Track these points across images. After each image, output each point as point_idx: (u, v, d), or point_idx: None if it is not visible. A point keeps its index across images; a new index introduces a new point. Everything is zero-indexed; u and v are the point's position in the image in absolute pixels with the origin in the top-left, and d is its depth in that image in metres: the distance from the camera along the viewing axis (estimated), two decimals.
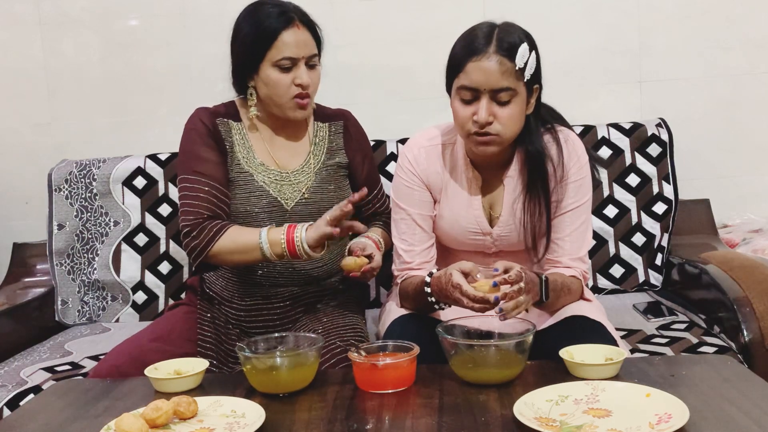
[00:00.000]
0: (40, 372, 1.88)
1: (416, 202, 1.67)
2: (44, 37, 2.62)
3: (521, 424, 1.11)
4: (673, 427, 1.07)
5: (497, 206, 1.65)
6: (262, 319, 1.76)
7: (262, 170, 1.76)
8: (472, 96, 1.51)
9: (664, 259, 2.27)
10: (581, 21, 2.52)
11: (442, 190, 1.67)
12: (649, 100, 2.52)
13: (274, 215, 1.74)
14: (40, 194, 2.41)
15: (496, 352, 1.33)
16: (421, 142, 1.68)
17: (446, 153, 1.67)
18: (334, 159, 1.83)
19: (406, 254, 1.67)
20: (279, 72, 1.68)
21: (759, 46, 2.49)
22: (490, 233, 1.65)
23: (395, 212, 1.70)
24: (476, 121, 1.50)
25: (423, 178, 1.66)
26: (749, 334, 1.77)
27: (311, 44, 1.71)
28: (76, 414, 1.32)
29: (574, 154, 1.62)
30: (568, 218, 1.62)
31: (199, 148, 1.73)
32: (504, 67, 1.47)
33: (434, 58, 2.53)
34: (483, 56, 1.48)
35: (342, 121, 1.88)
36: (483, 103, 1.49)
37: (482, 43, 1.49)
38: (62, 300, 2.36)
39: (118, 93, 2.63)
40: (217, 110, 1.81)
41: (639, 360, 1.44)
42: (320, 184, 1.78)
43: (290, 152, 1.81)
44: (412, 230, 1.67)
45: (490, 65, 1.47)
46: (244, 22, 1.71)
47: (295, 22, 1.68)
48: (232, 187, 1.75)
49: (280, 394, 1.33)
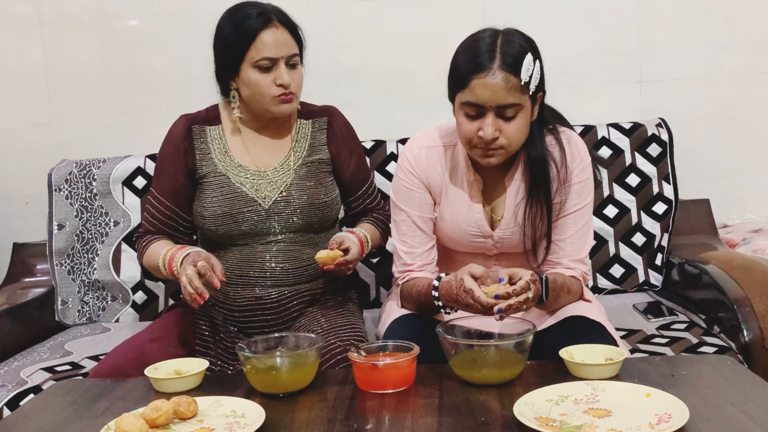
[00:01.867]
0: (40, 372, 1.88)
1: (416, 203, 1.66)
2: (44, 37, 2.62)
3: (521, 424, 1.11)
4: (673, 427, 1.07)
5: (499, 209, 1.65)
6: (257, 320, 1.76)
7: (239, 171, 1.77)
8: (476, 112, 1.48)
9: (664, 259, 2.27)
10: (581, 21, 2.52)
11: (443, 192, 1.66)
12: (649, 100, 2.52)
13: (252, 215, 1.74)
14: (40, 194, 2.41)
15: (496, 352, 1.33)
16: (421, 143, 1.67)
17: (447, 155, 1.66)
18: (315, 155, 1.82)
19: (407, 256, 1.67)
20: (259, 72, 1.68)
21: (759, 46, 2.49)
22: (491, 236, 1.65)
23: (395, 213, 1.69)
24: (482, 137, 1.48)
25: (423, 179, 1.65)
26: (749, 334, 1.77)
27: (291, 44, 1.71)
28: (76, 414, 1.32)
29: (577, 155, 1.61)
30: (570, 220, 1.62)
31: (166, 165, 1.81)
32: (509, 84, 1.45)
33: (434, 58, 2.53)
34: (488, 73, 1.44)
35: (326, 117, 1.87)
36: (489, 120, 1.47)
37: (486, 59, 1.45)
38: (62, 300, 2.35)
39: (118, 93, 2.63)
40: (197, 116, 1.84)
41: (639, 360, 1.44)
42: (299, 181, 1.78)
43: (272, 151, 1.81)
44: (413, 232, 1.66)
45: (496, 82, 1.44)
46: (224, 23, 1.73)
47: (273, 22, 1.68)
48: (210, 191, 1.76)
49: (280, 394, 1.33)
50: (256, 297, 1.75)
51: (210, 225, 1.75)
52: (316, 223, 1.78)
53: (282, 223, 1.75)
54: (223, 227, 1.74)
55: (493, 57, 1.45)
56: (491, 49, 1.46)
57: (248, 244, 1.76)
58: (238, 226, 1.74)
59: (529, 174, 1.60)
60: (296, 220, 1.75)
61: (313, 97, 1.95)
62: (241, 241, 1.76)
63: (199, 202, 1.79)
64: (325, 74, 2.54)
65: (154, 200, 1.82)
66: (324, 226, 1.82)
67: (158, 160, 1.85)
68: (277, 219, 1.75)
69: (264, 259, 1.75)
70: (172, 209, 1.81)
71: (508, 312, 1.37)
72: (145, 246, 1.78)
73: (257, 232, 1.75)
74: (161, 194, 1.81)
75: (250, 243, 1.76)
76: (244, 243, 1.76)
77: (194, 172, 1.80)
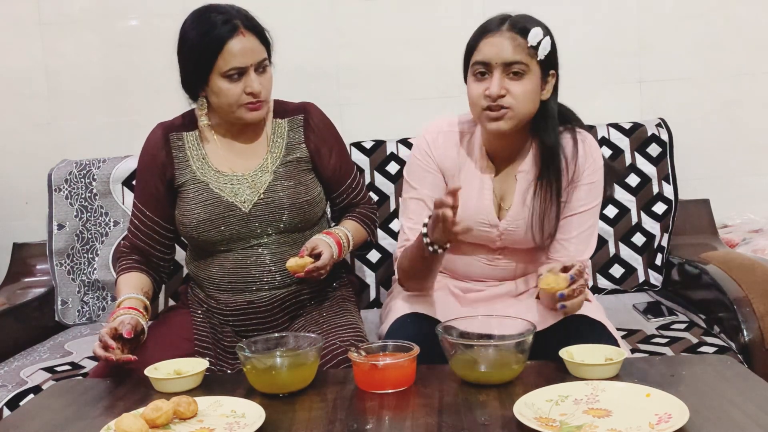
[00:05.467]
0: (40, 372, 1.88)
1: (428, 183, 1.67)
2: (44, 37, 2.62)
3: (521, 424, 1.11)
4: (673, 427, 1.07)
5: (508, 198, 1.65)
6: (251, 322, 1.76)
7: (217, 177, 1.76)
8: (484, 71, 1.53)
9: (664, 259, 2.27)
10: (581, 21, 2.51)
11: (455, 176, 1.66)
12: (649, 100, 2.52)
13: (232, 220, 1.72)
14: (40, 194, 2.41)
15: (496, 352, 1.33)
16: (441, 127, 1.69)
17: (464, 140, 1.68)
18: (293, 154, 1.80)
19: (410, 232, 1.66)
20: (228, 82, 1.66)
21: (759, 46, 2.49)
22: (497, 225, 1.65)
23: (406, 191, 1.71)
24: (488, 95, 1.52)
25: (438, 161, 1.67)
26: (749, 334, 1.77)
27: (258, 49, 1.68)
28: (76, 414, 1.32)
29: (590, 157, 1.62)
30: (575, 220, 1.62)
31: (147, 176, 1.80)
32: (516, 42, 1.51)
33: (434, 58, 2.55)
34: (495, 33, 1.53)
35: (302, 114, 1.84)
36: (495, 76, 1.52)
37: (496, 23, 1.55)
38: (62, 300, 2.36)
39: (118, 93, 2.63)
40: (174, 123, 1.84)
41: (639, 360, 1.44)
42: (278, 182, 1.76)
43: (248, 155, 1.79)
44: (421, 210, 1.67)
45: (502, 40, 1.52)
46: (189, 32, 1.70)
47: (239, 29, 1.65)
48: (189, 199, 1.75)
49: (280, 394, 1.33)
50: (248, 301, 1.74)
51: (192, 232, 1.74)
52: (300, 222, 1.77)
53: (264, 225, 1.73)
54: (204, 234, 1.73)
55: (503, 22, 1.55)
56: (503, 18, 1.56)
57: (233, 249, 1.74)
58: (220, 232, 1.72)
59: (539, 163, 1.61)
60: (279, 221, 1.74)
61: (313, 97, 1.94)
62: (225, 246, 1.74)
63: (179, 210, 1.77)
64: (325, 74, 2.54)
65: (137, 211, 1.80)
66: (308, 225, 1.80)
67: (138, 172, 1.83)
68: (259, 222, 1.73)
69: (251, 263, 1.74)
70: (154, 220, 1.78)
71: (573, 306, 1.41)
72: (119, 272, 1.76)
73: (240, 237, 1.73)
74: (144, 205, 1.79)
75: (235, 248, 1.74)
76: (228, 249, 1.75)
77: (173, 181, 1.78)
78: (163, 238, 1.81)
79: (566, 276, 1.40)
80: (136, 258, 1.78)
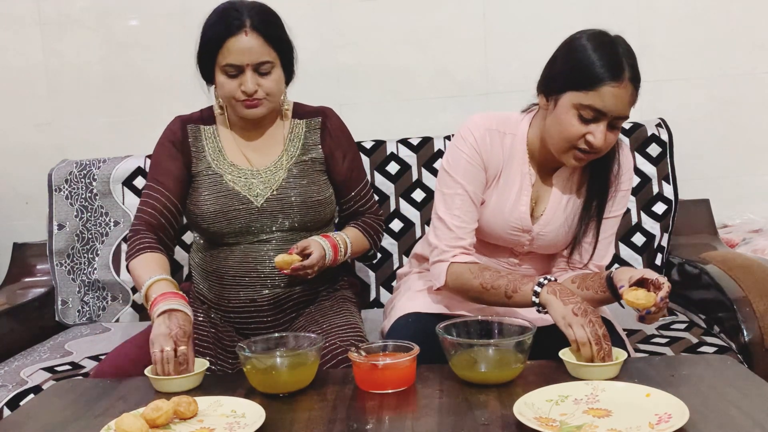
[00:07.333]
0: (40, 372, 1.88)
1: (473, 179, 1.61)
2: (44, 37, 2.62)
3: (521, 424, 1.11)
4: (673, 427, 1.07)
5: (541, 204, 1.64)
6: (252, 321, 1.76)
7: (232, 170, 1.78)
8: (593, 117, 1.45)
9: (664, 259, 2.27)
10: (581, 21, 2.50)
11: (496, 177, 1.63)
12: (649, 100, 2.51)
13: (244, 213, 1.74)
14: (40, 194, 2.42)
15: (496, 352, 1.33)
16: (487, 125, 1.63)
17: (506, 141, 1.62)
18: (308, 154, 1.82)
19: (460, 230, 1.60)
20: (226, 77, 1.70)
21: (759, 46, 2.49)
22: (529, 230, 1.63)
23: (448, 186, 1.63)
24: (591, 143, 1.47)
25: (485, 159, 1.61)
26: (749, 334, 1.77)
27: (260, 51, 1.67)
28: (76, 414, 1.32)
29: (626, 165, 1.62)
30: (605, 224, 1.62)
31: (164, 159, 1.80)
32: (633, 98, 1.47)
33: (434, 58, 2.55)
34: (621, 83, 1.43)
35: (320, 117, 1.87)
36: (601, 128, 1.46)
37: (622, 68, 1.44)
38: (62, 300, 2.36)
39: (118, 93, 2.63)
40: (192, 116, 1.86)
41: (639, 360, 1.45)
42: (292, 180, 1.78)
43: (264, 152, 1.82)
44: (468, 206, 1.61)
45: (625, 94, 1.44)
46: (208, 20, 1.73)
47: (244, 29, 1.66)
48: (203, 189, 1.76)
49: (280, 394, 1.33)
50: (251, 299, 1.75)
51: (202, 223, 1.75)
52: (309, 221, 1.78)
53: (275, 221, 1.75)
54: (215, 225, 1.74)
55: (625, 67, 1.44)
56: (627, 56, 1.46)
57: (241, 243, 1.76)
58: (231, 225, 1.73)
59: (579, 171, 1.61)
60: (289, 219, 1.75)
61: (313, 97, 1.95)
62: (233, 239, 1.76)
63: (191, 200, 1.78)
64: (325, 74, 2.54)
65: (153, 187, 1.77)
66: (317, 225, 1.81)
67: (155, 157, 1.82)
68: (269, 217, 1.74)
69: (258, 259, 1.74)
70: (169, 197, 1.76)
71: (655, 319, 1.39)
72: (135, 254, 1.70)
73: (250, 231, 1.75)
74: (161, 180, 1.77)
75: (243, 242, 1.75)
76: (236, 242, 1.76)
77: (189, 166, 1.80)
78: (174, 219, 1.78)
79: (656, 296, 1.37)
80: (153, 237, 1.74)
